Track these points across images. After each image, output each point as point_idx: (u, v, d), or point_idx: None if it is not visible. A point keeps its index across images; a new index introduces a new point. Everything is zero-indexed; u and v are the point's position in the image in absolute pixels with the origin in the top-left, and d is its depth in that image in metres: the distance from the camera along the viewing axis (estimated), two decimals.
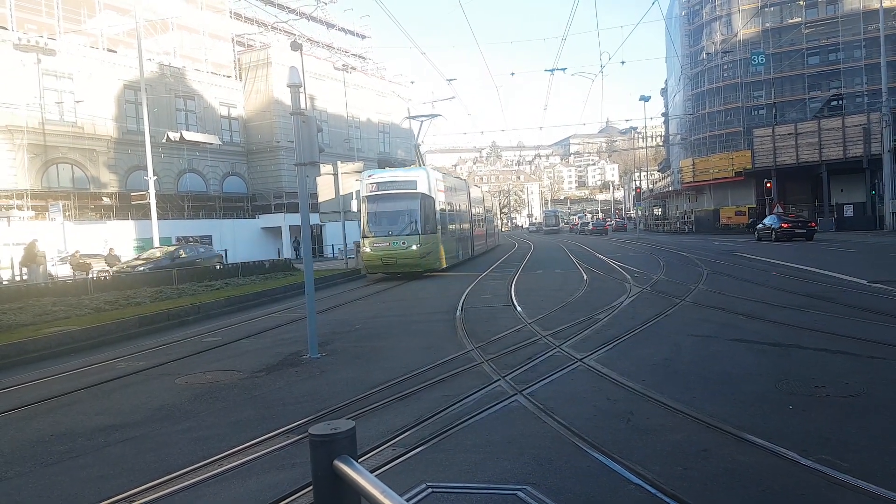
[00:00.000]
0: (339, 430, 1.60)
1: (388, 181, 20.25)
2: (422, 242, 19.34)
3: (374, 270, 20.12)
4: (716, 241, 36.00)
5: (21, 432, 5.56)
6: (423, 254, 19.36)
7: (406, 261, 19.26)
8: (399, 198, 19.81)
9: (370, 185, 20.09)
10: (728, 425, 4.67)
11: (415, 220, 19.55)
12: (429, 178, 20.28)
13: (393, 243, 19.39)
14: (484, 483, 3.90)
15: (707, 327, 8.90)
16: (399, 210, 19.78)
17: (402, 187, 19.91)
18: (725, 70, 58.69)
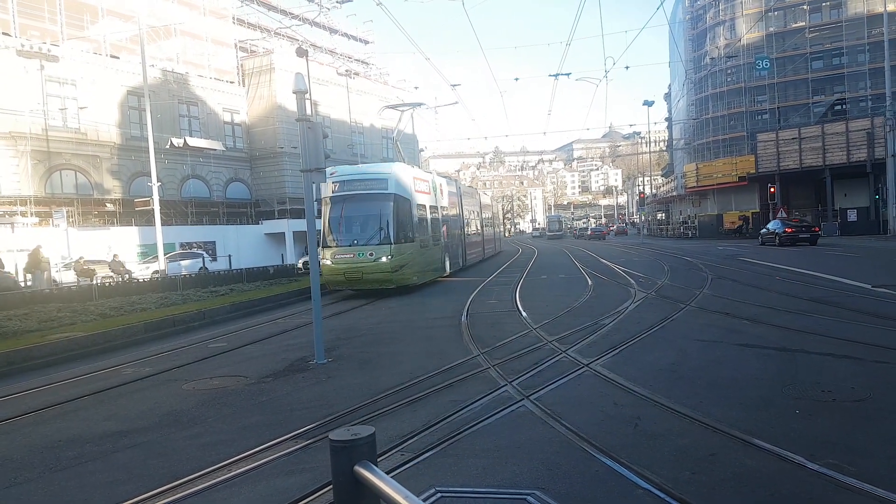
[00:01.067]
0: (359, 435, 1.62)
1: (354, 179, 17.07)
2: (394, 253, 16.10)
3: (337, 286, 17.05)
4: (719, 245, 35.98)
5: (29, 438, 5.59)
6: (396, 267, 16.21)
7: (374, 275, 16.04)
8: (366, 199, 16.60)
9: (332, 185, 16.96)
10: (735, 430, 4.68)
11: (385, 227, 16.37)
12: (403, 176, 17.30)
13: (358, 254, 16.11)
14: (493, 487, 3.91)
15: (712, 332, 8.90)
16: (366, 214, 16.62)
17: (370, 186, 16.63)
18: (729, 74, 58.69)
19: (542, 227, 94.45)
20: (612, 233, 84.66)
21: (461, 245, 24.45)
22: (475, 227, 29.24)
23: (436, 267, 19.85)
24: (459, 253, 23.99)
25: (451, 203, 23.20)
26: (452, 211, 23.29)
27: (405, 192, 17.07)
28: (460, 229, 24.56)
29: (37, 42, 31.27)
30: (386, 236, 16.30)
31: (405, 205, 17.03)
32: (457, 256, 23.35)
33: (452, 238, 22.67)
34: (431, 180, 20.52)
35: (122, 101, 35.77)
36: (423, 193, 18.81)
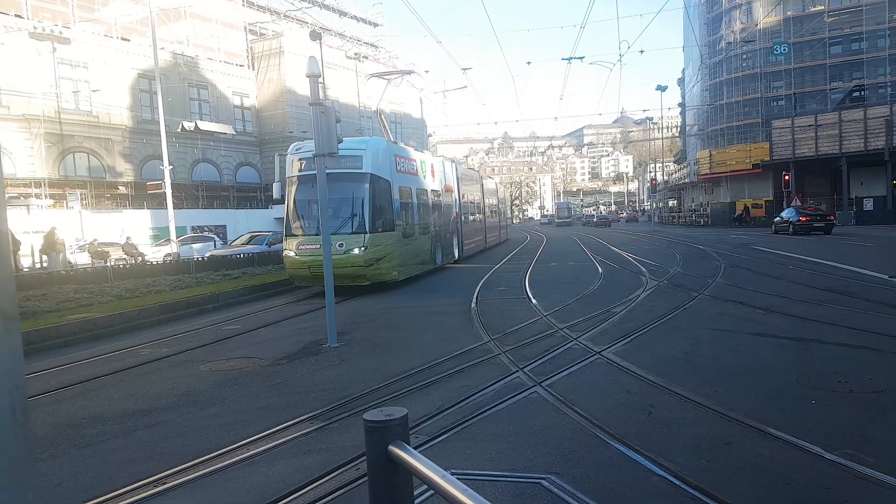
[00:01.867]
0: (392, 416, 1.65)
1: None
2: (369, 244, 13.81)
3: (302, 282, 14.77)
4: (732, 234, 35.77)
5: (52, 416, 5.68)
6: (371, 260, 13.85)
7: (344, 270, 13.50)
8: (336, 180, 13.64)
9: (297, 162, 14.68)
10: (750, 419, 4.68)
11: (359, 213, 14.06)
12: (382, 154, 14.84)
13: None
14: (508, 471, 3.95)
15: (726, 321, 8.87)
16: (336, 198, 13.95)
17: (341, 164, 13.51)
18: (744, 60, 57.98)
19: (550, 214, 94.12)
20: (623, 220, 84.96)
21: (457, 233, 22.08)
22: (476, 213, 26.84)
23: (423, 259, 17.49)
24: (455, 242, 21.72)
25: (446, 187, 21.11)
26: (447, 195, 21.09)
27: (384, 172, 14.74)
28: (457, 215, 22.28)
29: (49, 24, 31.33)
30: (360, 224, 14.00)
31: (384, 187, 14.67)
32: (451, 246, 21.13)
33: (446, 225, 20.39)
34: (419, 160, 18.32)
35: (133, 83, 35.85)
36: (408, 174, 16.67)
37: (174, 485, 3.98)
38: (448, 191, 21.22)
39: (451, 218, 21.21)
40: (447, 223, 20.56)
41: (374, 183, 14.27)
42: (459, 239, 22.32)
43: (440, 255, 19.20)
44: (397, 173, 15.60)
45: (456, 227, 21.90)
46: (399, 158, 16.15)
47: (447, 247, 20.34)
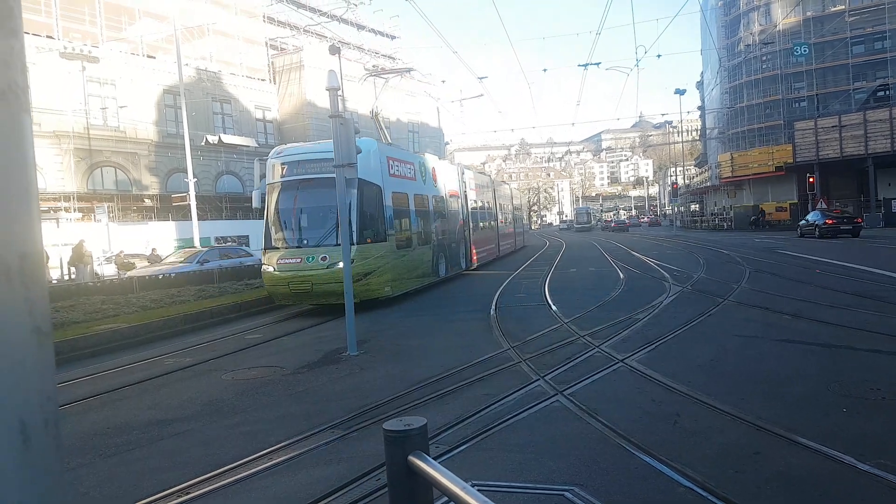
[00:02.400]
0: (412, 426, 1.65)
1: (305, 160, 13.19)
2: (356, 257, 12.13)
3: (283, 301, 13.28)
4: (756, 237, 35.28)
5: (79, 425, 5.77)
6: (359, 275, 12.18)
7: (328, 287, 12.12)
8: (320, 185, 12.65)
9: (278, 167, 13.40)
10: (779, 428, 4.59)
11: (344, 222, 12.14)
12: (371, 156, 13.23)
13: (307, 258, 12.39)
14: (530, 482, 3.92)
15: (752, 327, 8.74)
16: (319, 206, 12.89)
17: (325, 168, 12.32)
18: (764, 61, 57.30)
19: (569, 220, 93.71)
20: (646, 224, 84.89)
21: (464, 242, 20.58)
22: (487, 220, 25.28)
23: (423, 272, 16.02)
24: (462, 252, 20.16)
25: (451, 192, 19.57)
26: (452, 201, 19.65)
27: (373, 177, 13.25)
28: (464, 223, 20.72)
29: (78, 44, 32.06)
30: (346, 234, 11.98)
31: (374, 193, 13.25)
32: (457, 256, 19.61)
33: (451, 234, 18.99)
34: (418, 163, 16.88)
35: (158, 99, 36.50)
36: (403, 179, 15.33)
37: (197, 494, 4.02)
38: (453, 196, 19.89)
39: (457, 226, 19.84)
40: (452, 232, 19.22)
41: (364, 189, 12.64)
42: (467, 248, 20.90)
43: (444, 266, 17.85)
44: (390, 178, 14.25)
45: (463, 236, 20.53)
46: (393, 161, 14.74)
47: (453, 257, 19.01)
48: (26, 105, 0.59)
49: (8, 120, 0.57)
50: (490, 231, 25.54)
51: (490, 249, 24.92)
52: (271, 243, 13.22)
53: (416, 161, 16.88)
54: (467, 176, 22.24)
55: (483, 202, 24.66)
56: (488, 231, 25.14)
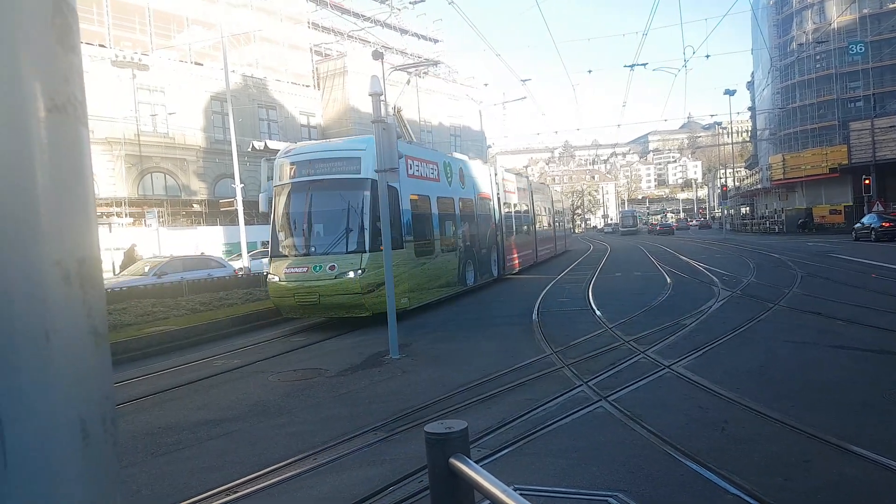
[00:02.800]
0: (453, 429, 1.66)
1: (315, 159, 12.27)
2: (367, 266, 11.27)
3: (291, 314, 12.26)
4: (809, 241, 34.18)
5: (132, 425, 5.96)
6: (371, 285, 11.25)
7: (335, 299, 11.29)
8: (330, 187, 12.01)
9: (287, 167, 12.47)
10: (831, 435, 4.45)
11: (355, 228, 11.68)
12: None
13: (315, 268, 11.39)
14: (573, 488, 3.88)
15: (804, 333, 8.48)
16: (328, 210, 12.12)
17: (335, 169, 11.91)
18: (818, 61, 55.57)
19: (614, 223, 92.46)
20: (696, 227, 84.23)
21: (497, 248, 19.36)
22: (523, 223, 23.77)
23: (447, 281, 14.85)
24: (493, 259, 18.88)
25: (481, 194, 18.33)
26: (483, 204, 18.38)
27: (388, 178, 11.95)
28: (496, 227, 19.45)
29: (129, 52, 33.21)
30: (356, 241, 11.54)
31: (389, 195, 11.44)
32: (488, 263, 18.38)
33: (481, 239, 17.78)
34: (442, 162, 15.60)
35: (206, 106, 37.52)
36: (424, 180, 14.16)
37: (245, 493, 4.11)
38: (485, 199, 18.61)
39: (488, 230, 18.56)
40: (483, 237, 17.96)
41: (377, 191, 10.95)
42: (500, 254, 19.63)
43: (472, 274, 16.61)
44: (408, 179, 13.02)
45: (495, 241, 19.28)
46: (412, 161, 13.51)
47: (483, 264, 17.77)
48: (84, 118, 0.62)
49: (67, 132, 0.60)
50: (526, 235, 24.19)
51: (527, 255, 23.70)
52: (278, 251, 12.19)
53: (439, 161, 15.55)
54: (501, 177, 21.06)
55: (519, 205, 23.38)
56: (524, 235, 23.79)
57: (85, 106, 0.62)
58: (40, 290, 0.56)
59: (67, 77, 0.59)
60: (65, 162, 0.59)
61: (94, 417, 0.59)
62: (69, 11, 0.60)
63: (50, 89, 0.58)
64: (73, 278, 0.58)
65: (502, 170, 22.29)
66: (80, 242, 0.60)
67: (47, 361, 0.56)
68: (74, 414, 0.58)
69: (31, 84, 0.56)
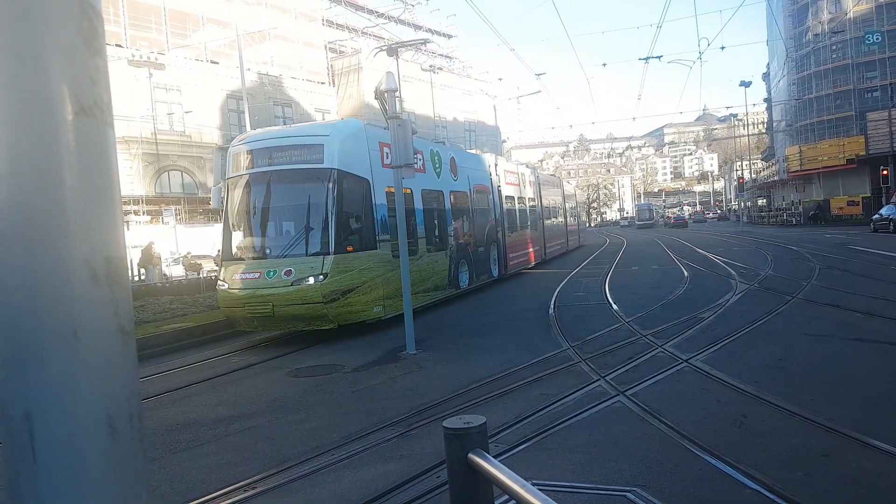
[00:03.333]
0: (471, 424, 1.67)
1: (272, 147, 10.61)
2: (332, 270, 9.71)
3: (244, 326, 10.49)
4: (826, 233, 33.77)
5: (151, 421, 6.03)
6: (335, 293, 9.67)
7: (293, 309, 9.57)
8: (290, 180, 10.50)
9: (241, 156, 10.79)
10: (851, 429, 4.41)
11: (317, 226, 10.13)
12: (357, 142, 10.73)
13: (268, 273, 9.73)
14: (591, 483, 3.88)
15: (822, 326, 8.39)
16: (285, 205, 10.71)
17: (295, 159, 10.37)
18: (834, 51, 54.76)
19: (630, 217, 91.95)
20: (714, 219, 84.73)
21: (497, 246, 17.79)
22: (529, 218, 22.03)
23: (435, 284, 13.16)
24: (493, 257, 17.29)
25: (478, 187, 16.60)
26: (480, 198, 16.76)
27: (359, 168, 10.60)
28: (496, 223, 17.83)
29: (145, 51, 33.50)
30: (319, 242, 9.95)
31: (359, 188, 10.60)
32: (487, 262, 16.75)
33: (479, 237, 16.21)
34: (428, 151, 13.76)
35: (222, 104, 37.76)
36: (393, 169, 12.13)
37: (263, 489, 4.15)
38: (482, 192, 17.00)
39: (486, 226, 17.01)
40: (481, 233, 16.45)
41: (343, 183, 10.09)
42: (501, 252, 18.09)
43: (467, 274, 15.04)
44: (384, 169, 10.99)
45: (495, 238, 17.71)
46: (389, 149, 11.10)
47: (480, 263, 16.14)
48: (110, 119, 0.64)
49: (94, 134, 0.61)
50: (533, 232, 22.43)
51: (534, 252, 22.18)
52: (230, 253, 10.68)
53: (425, 149, 13.65)
54: (502, 168, 19.31)
55: (524, 199, 21.71)
56: (530, 232, 22.02)
57: (111, 108, 0.63)
58: (69, 289, 0.57)
59: (94, 80, 0.61)
60: (92, 163, 0.60)
61: (121, 414, 0.60)
62: (95, 15, 0.61)
63: (77, 92, 0.59)
64: (100, 277, 0.59)
65: (504, 161, 20.56)
66: (107, 241, 0.61)
67: (75, 359, 0.57)
68: (102, 410, 0.59)
69: (58, 87, 0.57)
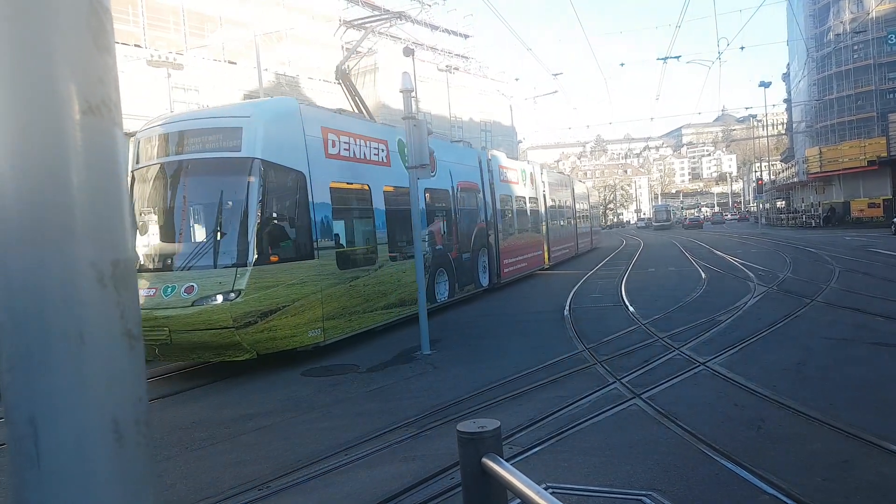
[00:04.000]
0: (485, 428, 1.65)
1: (183, 130, 8.68)
2: (249, 286, 7.77)
3: None
4: (847, 235, 33.28)
5: (166, 420, 6.08)
6: (250, 314, 7.72)
7: (193, 336, 7.59)
8: (197, 172, 8.66)
9: (147, 146, 8.93)
10: (870, 435, 4.34)
11: (231, 230, 8.22)
12: (283, 124, 8.73)
13: (164, 290, 7.75)
14: (606, 486, 3.84)
15: (842, 329, 8.27)
16: (193, 205, 8.72)
17: (210, 145, 8.42)
18: (856, 51, 54.01)
19: (648, 218, 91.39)
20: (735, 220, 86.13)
21: (489, 251, 15.76)
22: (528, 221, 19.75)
23: (399, 298, 10.91)
24: (482, 265, 15.19)
25: (463, 184, 14.54)
26: (466, 197, 14.74)
27: (290, 158, 8.61)
28: (486, 226, 15.65)
29: (164, 52, 33.82)
30: (232, 250, 8.02)
31: (289, 184, 8.63)
32: (472, 271, 14.59)
33: (462, 241, 14.19)
34: (396, 141, 11.56)
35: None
36: (357, 163, 10.27)
37: (278, 489, 4.15)
38: (469, 190, 14.90)
39: (474, 229, 14.93)
40: (466, 238, 14.42)
41: (268, 176, 8.19)
42: (494, 258, 16.05)
43: (446, 285, 13.02)
44: (328, 160, 9.37)
45: (485, 243, 15.58)
46: (337, 135, 9.72)
47: (465, 273, 14.07)
48: (118, 119, 0.62)
49: (102, 134, 0.60)
50: (532, 235, 20.01)
51: (534, 258, 19.94)
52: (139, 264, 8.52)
53: (391, 138, 11.54)
54: (498, 164, 17.22)
55: (525, 198, 19.61)
56: (529, 236, 19.65)
57: (119, 107, 0.62)
58: (75, 292, 0.56)
59: (102, 78, 0.60)
60: (99, 164, 0.59)
61: (127, 419, 0.59)
62: (103, 12, 0.60)
63: (85, 91, 0.58)
64: (107, 280, 0.58)
65: (498, 155, 18.58)
66: (115, 244, 0.60)
67: (81, 363, 0.56)
68: (108, 415, 0.58)
69: (66, 86, 0.56)
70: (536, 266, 20.27)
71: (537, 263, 20.36)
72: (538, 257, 20.48)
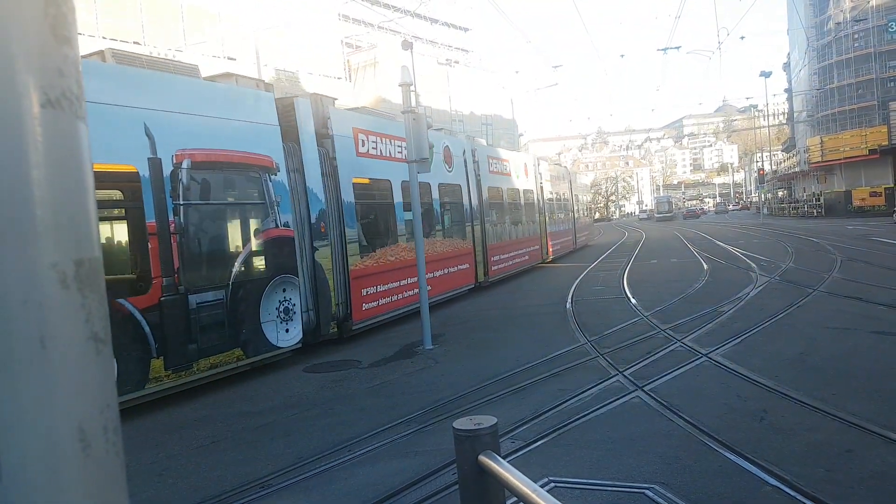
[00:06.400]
0: (482, 425, 1.63)
1: None
2: None
3: None
4: (848, 225, 33.19)
5: (167, 418, 6.07)
6: None
7: None
8: None
9: None
10: (874, 425, 4.32)
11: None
12: None
13: None
14: (609, 480, 3.83)
15: (844, 319, 8.23)
16: None
17: None
18: (856, 40, 53.73)
19: (649, 209, 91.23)
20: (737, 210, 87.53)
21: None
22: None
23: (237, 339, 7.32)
24: None
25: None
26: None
27: None
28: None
29: (163, 48, 33.73)
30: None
31: None
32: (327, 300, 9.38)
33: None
34: (264, 105, 8.11)
35: None
36: None
37: (279, 486, 4.14)
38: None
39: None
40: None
41: None
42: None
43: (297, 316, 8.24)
44: None
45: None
46: None
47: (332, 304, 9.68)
48: (81, 112, 0.60)
49: (62, 128, 0.57)
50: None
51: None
52: None
53: (258, 99, 8.10)
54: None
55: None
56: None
57: (82, 100, 0.60)
58: (36, 294, 0.53)
59: (62, 70, 0.57)
60: (60, 159, 0.56)
61: (94, 427, 0.57)
62: (63, 1, 0.57)
63: (43, 83, 0.55)
64: (70, 281, 0.56)
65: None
66: (79, 243, 0.57)
67: (43, 369, 0.54)
68: (74, 423, 0.55)
69: (23, 78, 0.54)
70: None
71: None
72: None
